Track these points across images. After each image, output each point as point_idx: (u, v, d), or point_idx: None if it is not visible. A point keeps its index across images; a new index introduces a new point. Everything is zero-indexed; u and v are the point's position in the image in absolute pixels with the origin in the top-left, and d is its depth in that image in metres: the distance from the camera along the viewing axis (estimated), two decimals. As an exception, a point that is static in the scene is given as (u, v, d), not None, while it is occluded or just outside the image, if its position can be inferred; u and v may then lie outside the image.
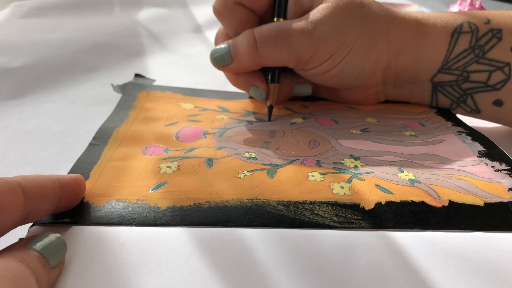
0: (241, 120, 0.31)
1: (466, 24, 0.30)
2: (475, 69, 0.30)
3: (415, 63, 0.31)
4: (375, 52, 0.30)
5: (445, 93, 0.32)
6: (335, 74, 0.30)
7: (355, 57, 0.29)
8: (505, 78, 0.29)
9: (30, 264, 0.14)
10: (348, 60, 0.29)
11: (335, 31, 0.28)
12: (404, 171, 0.24)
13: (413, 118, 0.32)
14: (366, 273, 0.17)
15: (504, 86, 0.30)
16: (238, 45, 0.29)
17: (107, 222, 0.19)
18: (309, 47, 0.28)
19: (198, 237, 0.19)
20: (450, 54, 0.30)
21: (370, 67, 0.31)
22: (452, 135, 0.28)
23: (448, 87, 0.31)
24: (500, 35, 0.29)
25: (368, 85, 0.32)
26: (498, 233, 0.19)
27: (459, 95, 0.31)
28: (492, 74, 0.30)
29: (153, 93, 0.35)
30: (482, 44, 0.29)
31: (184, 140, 0.28)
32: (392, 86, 0.33)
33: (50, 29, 0.52)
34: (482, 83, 0.30)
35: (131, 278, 0.16)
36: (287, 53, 0.28)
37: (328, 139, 0.28)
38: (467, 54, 0.30)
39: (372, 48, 0.30)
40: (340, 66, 0.30)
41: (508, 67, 0.29)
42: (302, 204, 0.21)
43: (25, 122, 0.32)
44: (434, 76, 0.31)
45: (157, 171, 0.23)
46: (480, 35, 0.29)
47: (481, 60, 0.30)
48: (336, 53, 0.29)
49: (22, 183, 0.16)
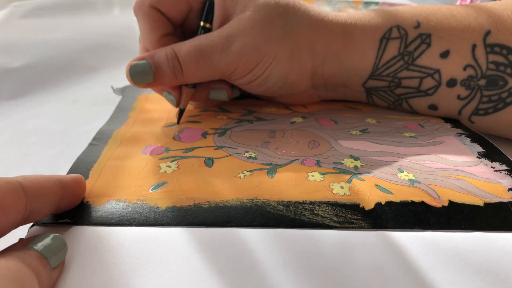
0: (241, 120, 0.31)
1: (395, 29, 0.29)
2: (405, 76, 0.30)
3: (343, 70, 0.30)
4: (298, 62, 0.29)
5: (379, 97, 0.32)
6: (259, 84, 0.30)
7: (278, 68, 0.29)
8: (436, 84, 0.29)
9: (31, 264, 0.14)
10: (270, 72, 0.29)
11: (255, 43, 0.27)
12: (404, 171, 0.24)
13: (412, 119, 0.32)
14: (366, 273, 0.17)
15: (436, 91, 0.29)
16: (161, 65, 0.27)
17: (107, 222, 0.19)
18: (229, 63, 0.28)
19: (198, 237, 0.19)
20: (379, 61, 0.30)
21: (294, 77, 0.30)
22: (452, 137, 0.28)
23: (381, 92, 0.31)
24: (429, 41, 0.29)
25: (298, 91, 0.32)
26: (498, 233, 0.19)
27: (394, 99, 0.31)
28: (423, 81, 0.29)
29: (153, 95, 0.35)
30: (411, 50, 0.29)
31: (184, 140, 0.28)
32: (324, 89, 0.33)
33: (50, 29, 0.52)
34: (415, 89, 0.30)
35: (131, 278, 0.16)
36: (209, 71, 0.28)
37: (328, 140, 0.28)
38: (397, 61, 0.29)
39: (295, 58, 0.29)
40: (263, 77, 0.29)
41: (438, 74, 0.29)
42: (302, 204, 0.21)
43: (25, 122, 0.32)
44: (365, 82, 0.31)
45: (157, 170, 0.23)
46: (409, 41, 0.29)
47: (411, 67, 0.29)
48: (258, 66, 0.28)
49: (24, 183, 0.16)
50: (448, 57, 0.28)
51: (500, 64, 0.27)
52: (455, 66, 0.28)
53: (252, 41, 0.27)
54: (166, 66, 0.27)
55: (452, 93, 0.29)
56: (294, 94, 0.32)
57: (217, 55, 0.27)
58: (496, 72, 0.28)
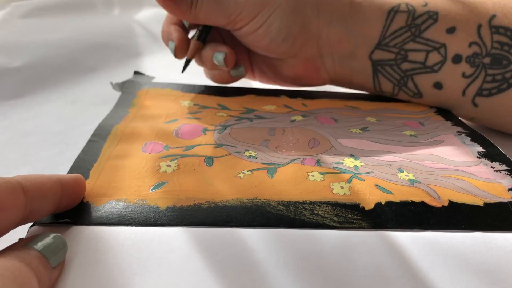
0: (241, 118, 0.31)
1: (404, 5, 0.30)
2: (412, 48, 0.31)
3: (350, 36, 0.31)
4: (302, 16, 0.31)
5: (385, 75, 0.32)
6: (262, 34, 0.31)
7: (280, 17, 0.30)
8: (442, 59, 0.30)
9: (31, 264, 0.14)
10: (273, 20, 0.30)
11: None
12: (404, 171, 0.24)
13: (412, 117, 0.32)
14: (366, 273, 0.17)
15: (442, 67, 0.30)
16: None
17: (107, 222, 0.19)
18: (237, 4, 0.29)
19: (198, 237, 0.18)
20: (386, 30, 0.31)
21: (297, 30, 0.31)
22: (452, 136, 0.28)
23: (387, 67, 0.32)
24: (436, 17, 0.30)
25: (304, 55, 0.33)
26: (498, 233, 0.19)
27: (400, 77, 0.32)
28: (429, 55, 0.30)
29: (152, 91, 0.35)
30: (419, 23, 0.30)
31: (184, 137, 0.27)
32: (331, 61, 0.33)
33: (50, 29, 0.52)
34: (421, 64, 0.31)
35: (131, 278, 0.16)
36: (217, 10, 0.30)
37: (328, 138, 0.28)
38: (404, 31, 0.30)
39: (299, 11, 0.30)
40: (265, 25, 0.31)
41: (444, 48, 0.30)
42: (302, 204, 0.21)
43: (25, 122, 0.32)
44: (372, 52, 0.32)
45: (157, 170, 0.23)
46: (416, 15, 0.30)
47: (418, 39, 0.30)
48: (262, 12, 0.30)
49: (23, 182, 0.16)
50: (454, 33, 0.29)
51: (505, 44, 0.29)
52: (460, 42, 0.30)
53: None
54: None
55: (457, 70, 0.30)
56: (300, 56, 0.33)
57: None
58: (501, 51, 0.29)
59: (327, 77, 0.35)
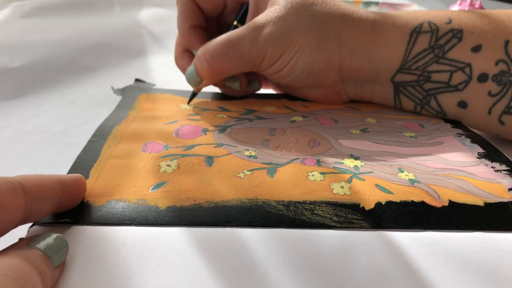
0: (241, 118, 0.31)
1: (426, 24, 0.29)
2: (435, 69, 0.29)
3: (371, 63, 0.31)
4: (324, 52, 0.30)
5: (407, 94, 0.31)
6: (287, 73, 0.31)
7: (304, 57, 0.30)
8: (467, 79, 0.29)
9: (34, 262, 0.14)
10: (296, 60, 0.30)
11: (282, 32, 0.29)
12: (404, 171, 0.24)
13: (412, 119, 0.32)
14: (366, 273, 0.17)
15: (467, 87, 0.29)
16: (198, 67, 0.31)
17: (107, 222, 0.19)
18: (258, 52, 0.29)
19: (198, 237, 0.18)
20: (409, 54, 0.30)
21: (321, 67, 0.31)
22: (452, 137, 0.28)
23: (409, 87, 0.31)
24: (461, 35, 0.29)
25: (325, 84, 0.32)
26: (498, 233, 0.19)
27: (422, 96, 0.31)
28: (453, 75, 0.29)
29: (153, 95, 0.35)
30: (442, 44, 0.29)
31: (184, 137, 0.28)
32: (352, 85, 0.33)
33: (50, 29, 0.52)
34: (444, 83, 0.30)
35: (131, 278, 0.16)
36: (240, 62, 0.30)
37: (328, 139, 0.28)
38: (427, 53, 0.29)
39: (321, 48, 0.30)
40: (289, 65, 0.30)
41: (469, 68, 0.29)
42: (302, 204, 0.21)
43: (25, 122, 0.32)
44: (394, 76, 0.31)
45: (157, 169, 0.23)
46: (440, 34, 0.29)
47: (441, 60, 0.29)
48: (284, 54, 0.30)
49: (23, 182, 0.16)
50: (479, 52, 0.28)
51: None
52: (486, 60, 0.28)
53: (278, 30, 0.29)
54: (200, 65, 0.30)
55: (483, 88, 0.29)
56: (321, 86, 0.33)
57: (246, 45, 0.29)
58: None
59: (347, 99, 0.34)
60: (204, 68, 0.30)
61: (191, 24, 0.33)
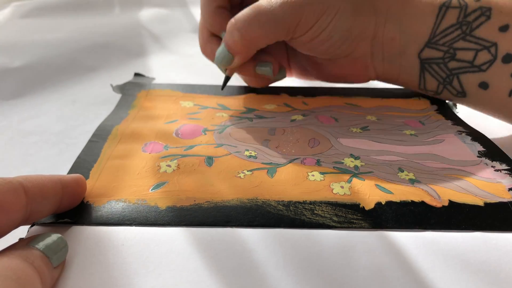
0: (241, 118, 0.31)
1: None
2: (461, 47, 0.30)
3: (402, 34, 0.31)
4: (361, 17, 0.30)
5: (432, 73, 0.32)
6: (323, 40, 0.30)
7: (342, 21, 0.29)
8: (491, 58, 0.29)
9: (34, 263, 0.14)
10: (334, 24, 0.29)
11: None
12: (404, 171, 0.24)
13: (413, 116, 0.32)
14: (366, 273, 0.17)
15: (490, 67, 0.29)
16: (229, 41, 0.29)
17: (107, 222, 0.19)
18: (293, 15, 0.28)
19: (198, 237, 0.19)
20: (437, 27, 0.30)
21: (357, 32, 0.30)
22: (452, 135, 0.28)
23: (435, 65, 0.31)
24: (489, 14, 0.29)
25: (356, 54, 0.32)
26: (498, 233, 0.19)
27: (446, 75, 0.31)
28: (479, 54, 0.29)
29: (152, 92, 0.35)
30: (470, 20, 0.29)
31: (184, 136, 0.28)
32: (381, 59, 0.33)
33: (50, 29, 0.52)
34: (468, 63, 0.30)
35: (131, 278, 0.16)
36: (274, 28, 0.29)
37: (328, 138, 0.28)
38: (454, 29, 0.29)
39: (358, 13, 0.30)
40: (327, 30, 0.30)
41: (495, 47, 0.29)
42: (302, 204, 0.21)
43: (25, 122, 0.32)
44: (421, 51, 0.31)
45: (157, 170, 0.23)
46: (469, 11, 0.29)
47: (468, 37, 0.29)
48: (322, 18, 0.29)
49: (24, 183, 0.16)
50: (507, 31, 0.28)
51: None
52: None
53: None
54: (231, 37, 0.29)
55: (506, 70, 0.29)
56: (351, 56, 0.32)
57: (280, 8, 0.28)
58: None
59: (374, 75, 0.34)
60: (236, 39, 0.29)
61: (217, 5, 0.32)
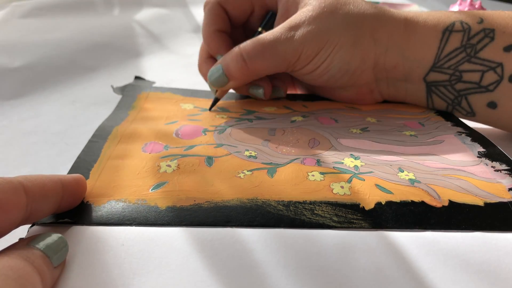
0: (241, 119, 0.31)
1: (458, 23, 0.29)
2: (467, 69, 0.30)
3: (405, 61, 0.31)
4: (360, 50, 0.30)
5: (439, 95, 0.32)
6: (322, 73, 0.31)
7: (340, 55, 0.30)
8: (498, 79, 0.29)
9: (34, 262, 0.14)
10: (333, 58, 0.30)
11: (318, 30, 0.29)
12: (404, 171, 0.24)
13: (412, 118, 0.32)
14: (366, 273, 0.17)
15: (498, 87, 0.29)
16: (230, 66, 0.30)
17: (107, 222, 0.19)
18: (294, 51, 0.29)
19: (198, 237, 0.19)
20: (441, 52, 0.30)
21: (357, 65, 0.31)
22: (452, 136, 0.28)
23: (441, 87, 0.31)
24: (493, 35, 0.29)
25: (359, 83, 0.32)
26: (498, 233, 0.19)
27: (454, 96, 0.31)
28: (485, 75, 0.29)
29: (153, 94, 0.35)
30: (474, 43, 0.29)
31: (184, 137, 0.28)
32: (386, 84, 0.33)
33: (50, 29, 0.52)
34: (475, 84, 0.30)
35: (131, 278, 0.16)
36: (276, 61, 0.30)
37: (328, 138, 0.28)
38: (459, 52, 0.29)
39: (357, 46, 0.30)
40: (325, 64, 0.30)
41: (501, 68, 0.29)
42: (302, 204, 0.21)
43: (25, 122, 0.32)
44: (426, 75, 0.31)
45: (157, 170, 0.23)
46: (472, 34, 0.29)
47: (473, 59, 0.29)
48: (321, 52, 0.30)
49: (25, 183, 0.16)
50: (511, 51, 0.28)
51: None
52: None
53: (314, 28, 0.29)
54: (232, 64, 0.30)
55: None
56: (355, 85, 0.33)
57: (282, 44, 0.29)
58: None
59: (379, 98, 0.34)
60: (239, 67, 0.30)
61: (217, 28, 0.33)
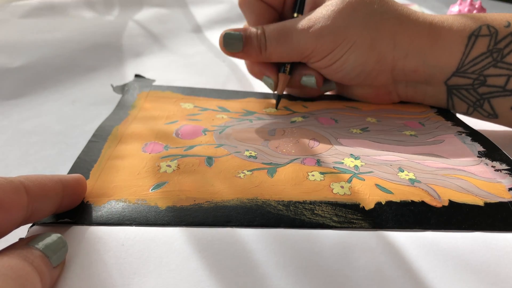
0: (241, 119, 0.31)
1: (485, 27, 0.29)
2: (492, 73, 0.29)
3: (426, 66, 0.30)
4: (377, 52, 0.30)
5: (460, 97, 0.31)
6: (336, 69, 0.31)
7: (355, 55, 0.29)
8: None
9: (34, 262, 0.14)
10: (348, 57, 0.30)
11: (336, 27, 0.29)
12: (404, 171, 0.24)
13: (413, 117, 0.32)
14: (366, 273, 0.17)
15: None
16: (251, 38, 0.30)
17: (107, 222, 0.19)
18: (308, 43, 0.29)
19: (198, 237, 0.19)
20: (466, 57, 0.29)
21: (372, 67, 0.30)
22: (452, 135, 0.28)
23: (463, 90, 0.31)
24: None
25: (377, 84, 0.32)
26: (498, 233, 0.19)
27: (476, 99, 0.30)
28: (511, 79, 0.29)
29: (153, 93, 0.35)
30: (501, 47, 0.29)
31: (184, 137, 0.28)
32: (404, 86, 0.32)
33: (50, 29, 0.52)
34: (500, 88, 0.29)
35: (131, 278, 0.16)
36: (289, 49, 0.30)
37: (328, 138, 0.28)
38: (485, 57, 0.29)
39: (374, 48, 0.29)
40: (340, 62, 0.30)
41: None
42: (302, 204, 0.21)
43: (25, 122, 0.32)
44: (448, 79, 0.30)
45: (157, 170, 0.23)
46: (499, 38, 0.29)
47: (499, 64, 0.29)
48: (336, 49, 0.29)
49: (25, 183, 0.16)
50: None
51: None
52: None
53: (332, 24, 0.29)
54: (255, 39, 0.30)
55: None
56: (372, 85, 0.32)
57: (297, 34, 0.29)
58: None
59: (397, 99, 0.34)
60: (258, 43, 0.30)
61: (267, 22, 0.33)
